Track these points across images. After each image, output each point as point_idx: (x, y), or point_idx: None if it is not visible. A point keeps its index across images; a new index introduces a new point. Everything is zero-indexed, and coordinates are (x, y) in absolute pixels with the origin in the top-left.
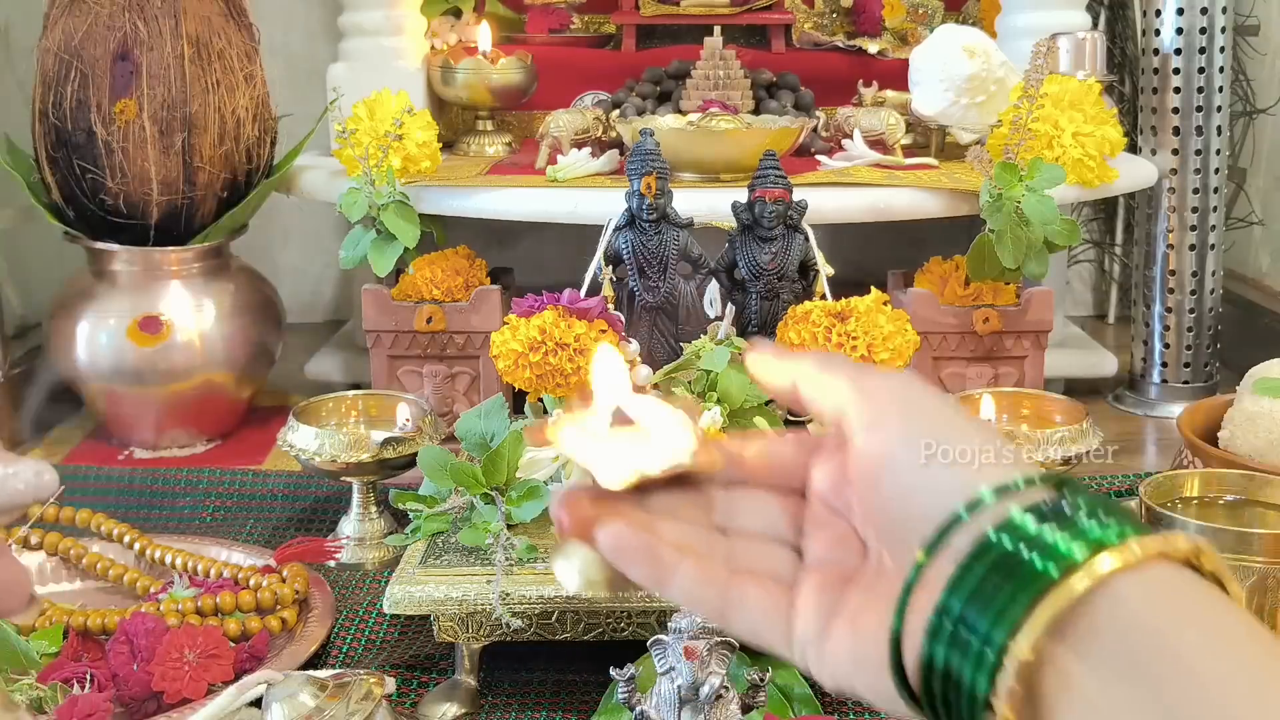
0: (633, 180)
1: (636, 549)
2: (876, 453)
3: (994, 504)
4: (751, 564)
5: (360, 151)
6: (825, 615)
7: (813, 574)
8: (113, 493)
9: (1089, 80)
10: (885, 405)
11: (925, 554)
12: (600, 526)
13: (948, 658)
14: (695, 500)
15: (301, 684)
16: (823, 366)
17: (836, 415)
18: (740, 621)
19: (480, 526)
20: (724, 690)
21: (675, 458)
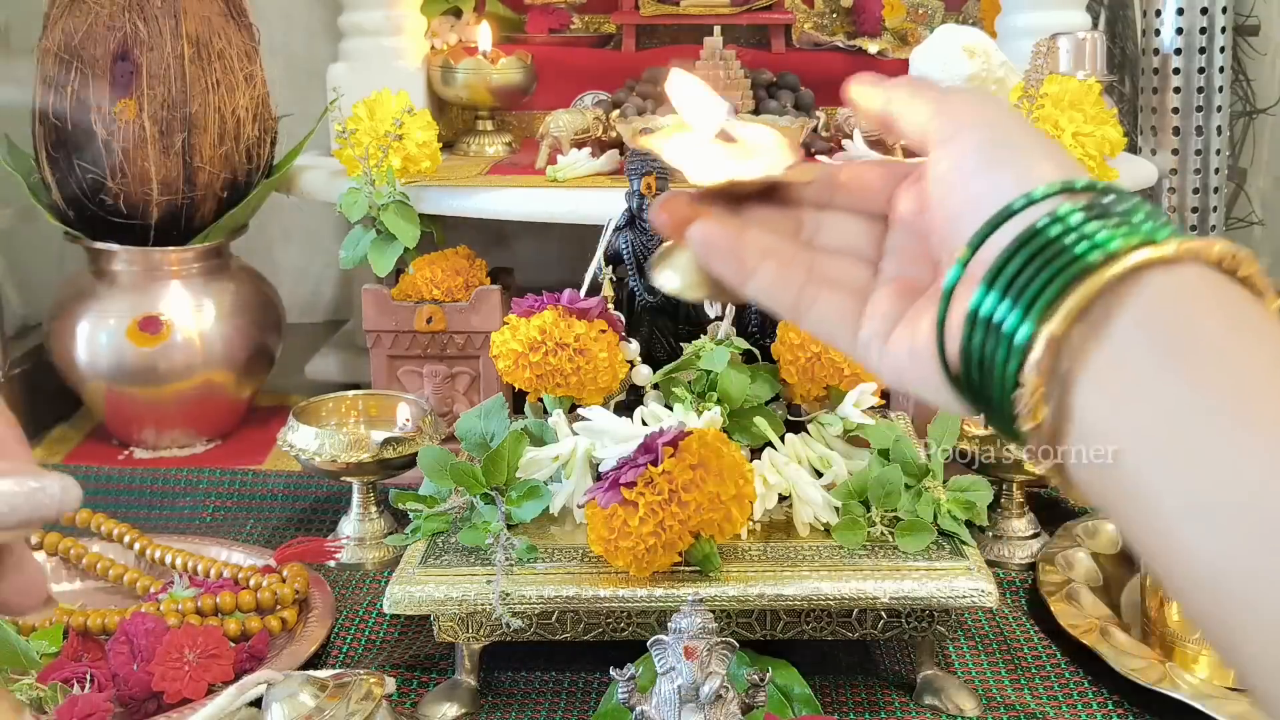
0: (633, 180)
1: (724, 246)
2: (949, 164)
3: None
4: (829, 274)
5: (360, 151)
6: (891, 319)
7: (885, 285)
8: (113, 493)
9: (1089, 80)
10: (961, 118)
11: (970, 248)
12: (693, 225)
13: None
14: (785, 216)
15: (301, 684)
16: (913, 89)
17: (921, 134)
18: (811, 320)
19: (480, 526)
20: (724, 690)
21: (769, 168)
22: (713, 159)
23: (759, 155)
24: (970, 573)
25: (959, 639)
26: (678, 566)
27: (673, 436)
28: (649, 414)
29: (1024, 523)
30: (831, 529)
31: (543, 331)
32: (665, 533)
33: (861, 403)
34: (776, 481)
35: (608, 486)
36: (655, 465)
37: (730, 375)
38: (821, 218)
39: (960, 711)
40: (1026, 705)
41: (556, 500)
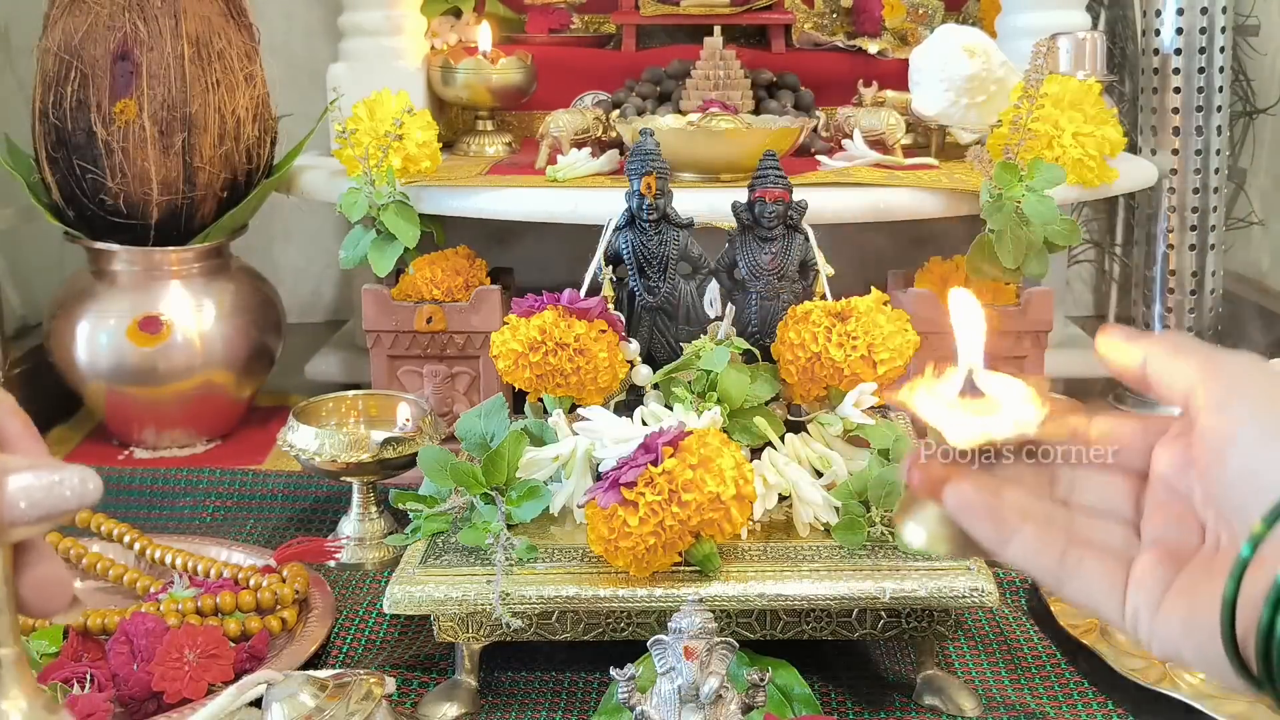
0: (633, 180)
1: (981, 508)
2: (1223, 432)
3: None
4: (1089, 536)
5: (360, 151)
6: (1160, 587)
7: (1151, 549)
8: (113, 493)
9: (1089, 80)
10: (1233, 386)
11: (1265, 525)
12: (949, 485)
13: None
14: (1039, 473)
15: (301, 684)
16: (1173, 348)
17: (1185, 395)
18: (1075, 588)
19: (480, 526)
20: (724, 690)
21: (1022, 425)
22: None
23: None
24: (970, 573)
25: (959, 639)
26: (678, 566)
27: (673, 436)
28: (649, 414)
29: None
30: (831, 529)
31: (543, 331)
32: (665, 533)
33: (861, 403)
34: (776, 481)
35: (608, 486)
36: (655, 465)
37: (730, 375)
38: (1076, 474)
39: (960, 711)
40: (1026, 705)
41: (556, 500)
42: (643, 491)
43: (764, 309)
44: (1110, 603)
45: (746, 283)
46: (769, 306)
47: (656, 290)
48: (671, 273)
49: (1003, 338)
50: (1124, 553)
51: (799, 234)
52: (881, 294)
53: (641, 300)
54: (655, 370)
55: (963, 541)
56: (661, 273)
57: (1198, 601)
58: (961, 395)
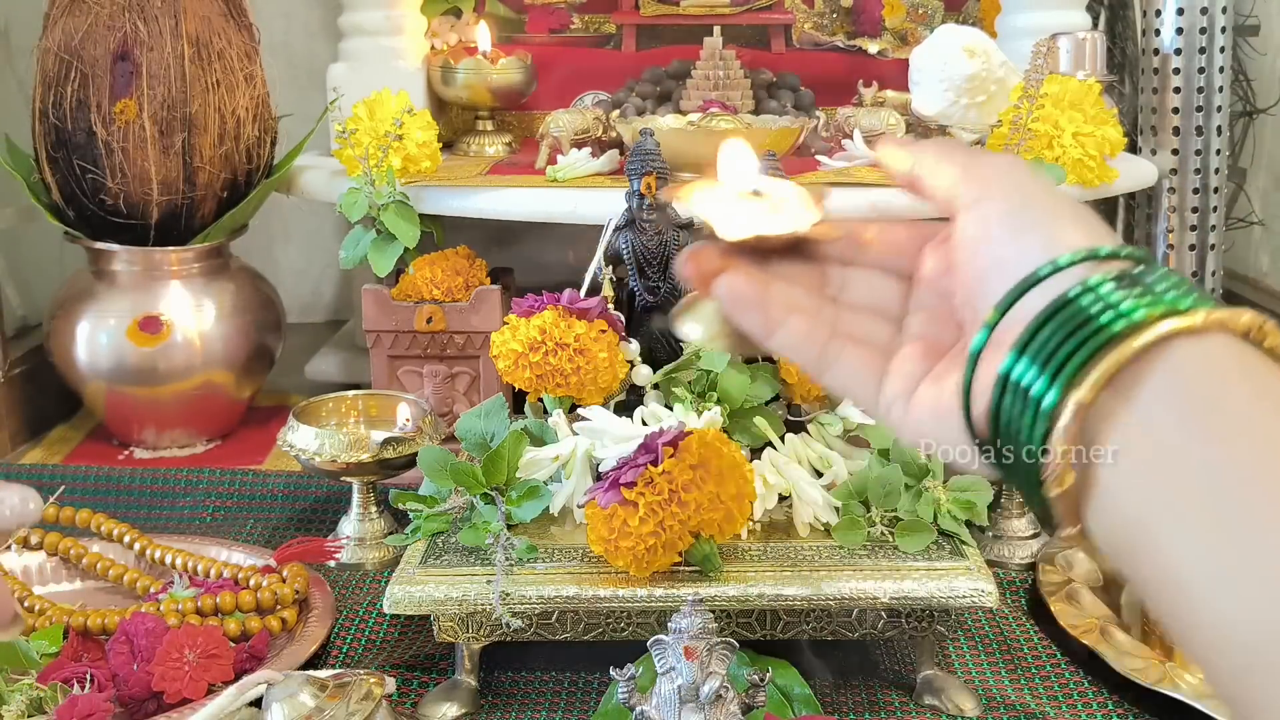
0: (633, 180)
1: (750, 298)
2: (976, 228)
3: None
4: (854, 330)
5: (360, 151)
6: (915, 378)
7: (910, 344)
8: (113, 493)
9: (1089, 80)
10: (988, 183)
11: (998, 312)
12: (720, 277)
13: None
14: (811, 272)
15: (301, 684)
16: (940, 152)
17: (948, 195)
18: (834, 376)
19: (480, 526)
20: (724, 690)
21: (796, 223)
22: (740, 214)
23: (786, 211)
24: (970, 573)
25: (959, 639)
26: (678, 566)
27: (673, 436)
28: (649, 414)
29: (1024, 523)
30: (831, 529)
31: (543, 331)
32: (665, 533)
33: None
34: (776, 481)
35: (608, 486)
36: (655, 465)
37: (730, 375)
38: (847, 274)
39: (960, 711)
40: (1026, 705)
41: (556, 500)
42: (643, 491)
43: None
44: (867, 390)
45: None
46: None
47: (656, 290)
48: (671, 273)
49: None
50: (885, 347)
51: None
52: None
53: (641, 300)
54: (655, 370)
55: (737, 336)
56: (661, 273)
57: (944, 389)
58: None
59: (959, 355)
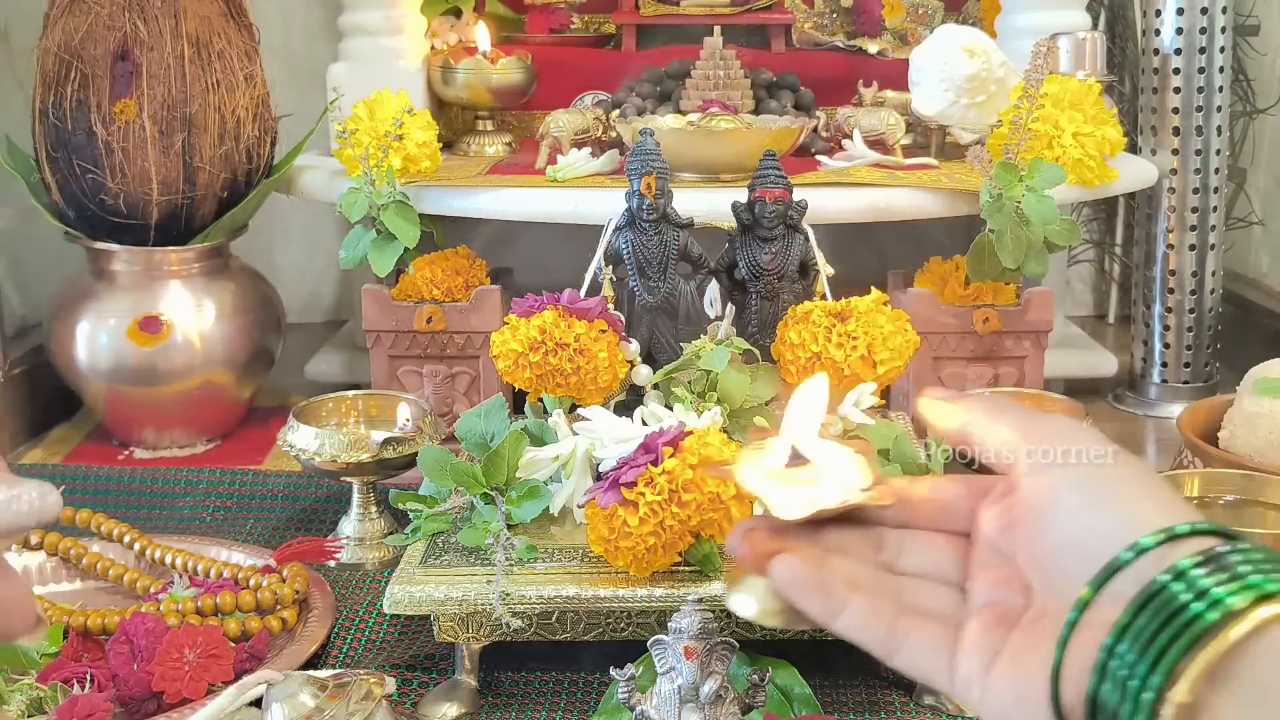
0: (633, 180)
1: (809, 582)
2: (1044, 497)
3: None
4: (918, 602)
5: (360, 151)
6: (989, 653)
7: (978, 614)
8: (113, 493)
9: (1089, 80)
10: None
11: (1091, 590)
12: (776, 559)
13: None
14: (865, 538)
15: (301, 684)
16: (993, 411)
17: (1005, 458)
18: (906, 657)
19: (480, 526)
20: (724, 690)
21: (848, 494)
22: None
23: (834, 476)
24: None
25: None
26: (678, 566)
27: (673, 436)
28: (649, 414)
29: None
30: None
31: (543, 331)
32: (665, 533)
33: (861, 403)
34: None
35: (608, 486)
36: (655, 465)
37: (730, 375)
38: (902, 537)
39: (960, 711)
40: None
41: (556, 500)
42: (643, 491)
43: (764, 309)
44: (940, 671)
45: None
46: (769, 306)
47: (656, 290)
48: (671, 273)
49: (1003, 338)
50: (952, 617)
51: (799, 234)
52: (881, 294)
53: (641, 300)
54: (655, 370)
55: (792, 613)
56: (661, 273)
57: (1026, 668)
58: (787, 465)
59: (1032, 628)
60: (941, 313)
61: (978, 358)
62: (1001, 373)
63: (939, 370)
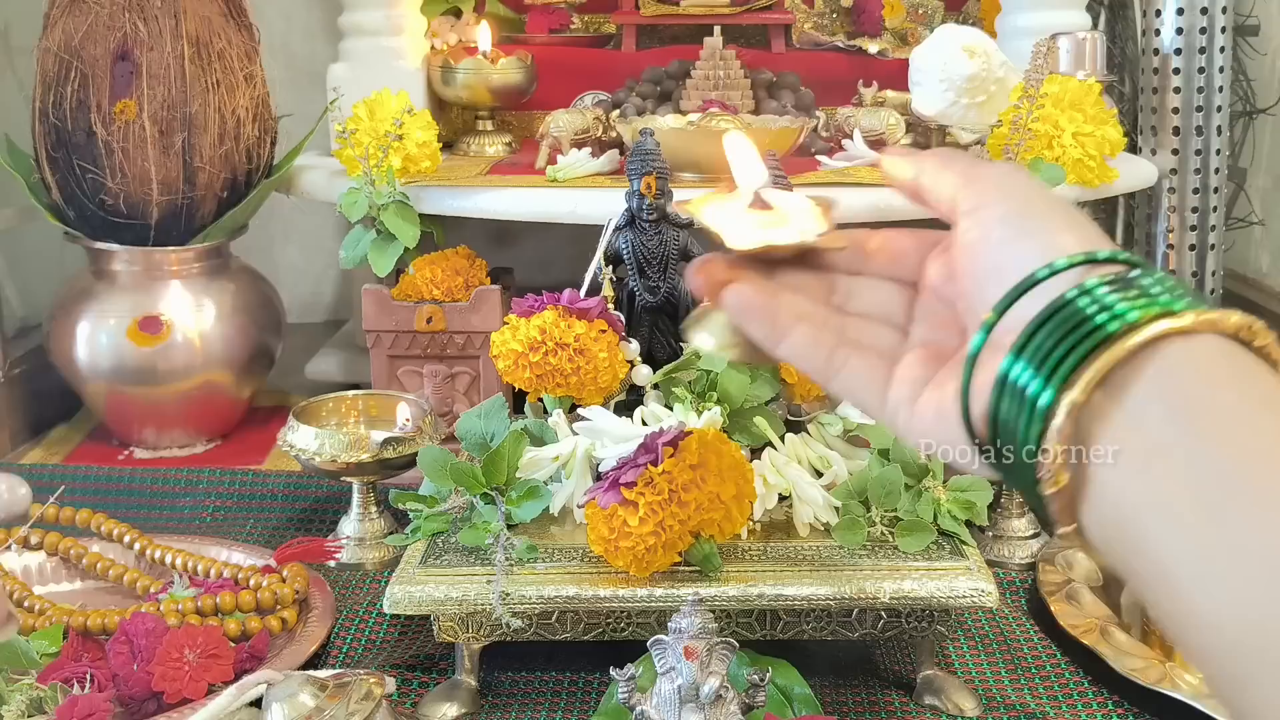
0: (633, 180)
1: (758, 308)
2: (975, 234)
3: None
4: (860, 338)
5: (360, 151)
6: (919, 384)
7: (914, 350)
8: (113, 493)
9: (1089, 80)
10: (987, 190)
11: (995, 313)
12: (729, 287)
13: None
14: (818, 281)
15: (301, 684)
16: (942, 161)
17: (949, 203)
18: (840, 382)
19: (480, 526)
20: (724, 690)
21: (803, 234)
22: (748, 225)
23: (793, 221)
24: (970, 573)
25: (959, 639)
26: (678, 566)
27: (673, 436)
28: (649, 414)
29: (1024, 523)
30: (831, 529)
31: (543, 331)
32: (665, 533)
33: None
34: (776, 481)
35: (608, 486)
36: (655, 465)
37: (730, 375)
38: (853, 283)
39: (960, 711)
40: (1026, 705)
41: (556, 500)
42: (643, 491)
43: None
44: (873, 397)
45: None
46: None
47: (656, 290)
48: (671, 273)
49: None
50: (891, 354)
51: None
52: None
53: (641, 300)
54: (655, 370)
55: (747, 346)
56: (661, 273)
57: (946, 393)
58: (749, 208)
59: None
60: None
61: None
62: None
63: None
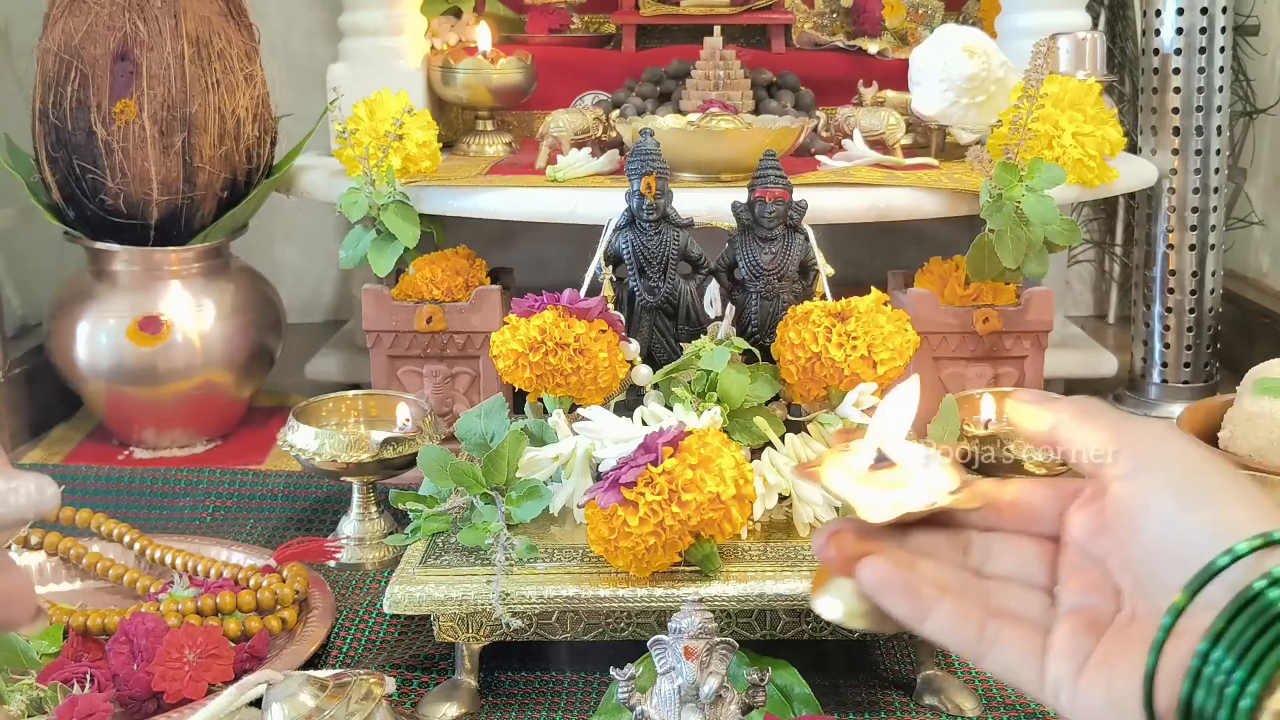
0: (633, 180)
1: (897, 584)
2: (1137, 502)
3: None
4: (1006, 606)
5: (360, 151)
6: (1079, 656)
7: (1068, 618)
8: (113, 493)
9: (1089, 80)
10: (1145, 454)
11: (1185, 596)
12: (863, 562)
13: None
14: (952, 542)
15: (301, 684)
16: (1082, 414)
17: (1093, 460)
18: (995, 660)
19: (480, 526)
20: (724, 690)
21: (935, 497)
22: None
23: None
24: None
25: None
26: (678, 566)
27: (673, 436)
28: (649, 414)
29: None
30: None
31: (543, 331)
32: (665, 533)
33: (861, 403)
34: (776, 481)
35: (608, 486)
36: (655, 465)
37: (730, 375)
38: (989, 540)
39: (960, 711)
40: (1026, 705)
41: (556, 500)
42: (643, 491)
43: (764, 309)
44: (1030, 675)
45: (746, 283)
46: (769, 306)
47: (656, 290)
48: (671, 273)
49: (1003, 338)
50: (1041, 621)
51: (799, 234)
52: (881, 294)
53: (641, 300)
54: (655, 370)
55: (880, 616)
56: (661, 273)
57: (1117, 673)
58: (873, 468)
59: (1122, 632)
60: (941, 313)
61: (978, 358)
62: (1001, 373)
63: (939, 370)
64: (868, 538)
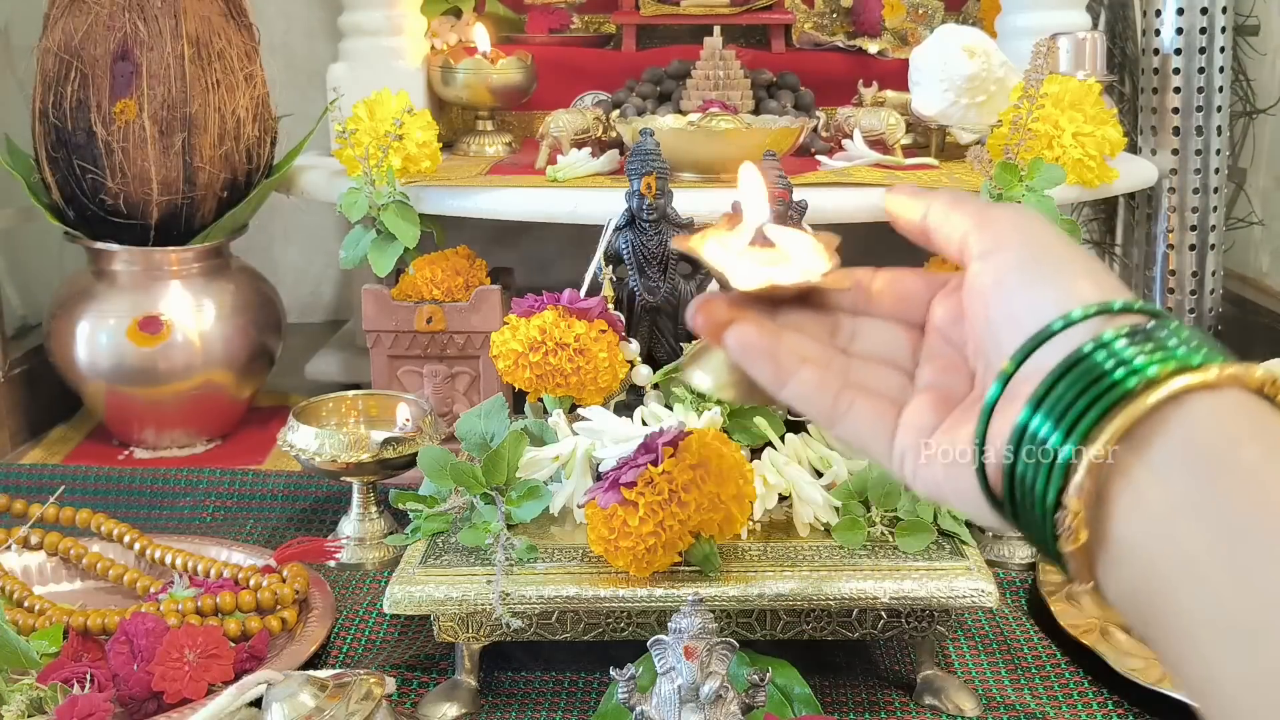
0: (633, 180)
1: (761, 349)
2: (988, 279)
3: (1086, 322)
4: (865, 380)
5: (360, 151)
6: (927, 429)
7: (921, 394)
8: (113, 493)
9: (1089, 80)
10: (1002, 234)
11: (1013, 364)
12: (731, 327)
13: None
14: (822, 321)
15: (301, 684)
16: (951, 202)
17: (959, 245)
18: (846, 428)
19: (480, 526)
20: (724, 690)
21: (807, 274)
22: (751, 263)
23: (796, 260)
24: (970, 573)
25: (959, 639)
26: (678, 566)
27: (673, 436)
28: (649, 414)
29: None
30: (831, 529)
31: (543, 331)
32: (665, 533)
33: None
34: (776, 481)
35: (608, 486)
36: (655, 465)
37: None
38: (857, 323)
39: (960, 711)
40: (1026, 705)
41: (556, 500)
42: (643, 491)
43: None
44: (879, 443)
45: None
46: None
47: (656, 290)
48: (671, 273)
49: None
50: (897, 398)
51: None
52: None
53: (641, 300)
54: (655, 370)
55: (746, 386)
56: (661, 273)
57: (957, 442)
58: (751, 245)
59: (971, 407)
60: None
61: None
62: None
63: None
64: (738, 307)
